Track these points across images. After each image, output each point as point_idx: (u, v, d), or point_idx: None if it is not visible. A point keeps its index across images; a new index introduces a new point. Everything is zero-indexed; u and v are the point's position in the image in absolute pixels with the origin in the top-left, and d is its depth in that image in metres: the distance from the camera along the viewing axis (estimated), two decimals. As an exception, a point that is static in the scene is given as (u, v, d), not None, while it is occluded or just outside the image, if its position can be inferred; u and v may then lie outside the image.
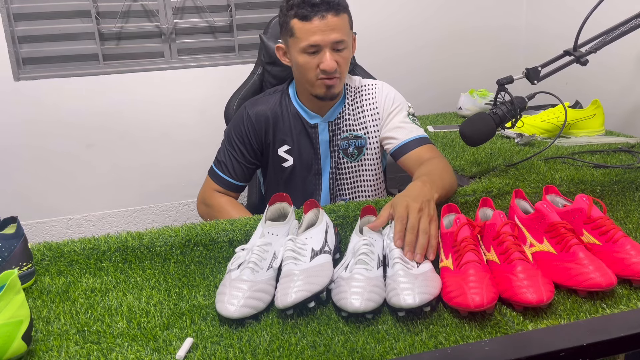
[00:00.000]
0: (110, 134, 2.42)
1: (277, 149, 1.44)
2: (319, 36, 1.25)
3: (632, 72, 2.02)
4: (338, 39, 1.26)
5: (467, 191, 1.26)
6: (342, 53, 1.29)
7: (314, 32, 1.25)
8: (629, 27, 1.31)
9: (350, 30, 1.33)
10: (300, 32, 1.27)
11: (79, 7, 2.31)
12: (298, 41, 1.28)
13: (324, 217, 1.02)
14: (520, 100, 1.32)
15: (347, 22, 1.30)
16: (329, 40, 1.26)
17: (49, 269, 1.03)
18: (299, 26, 1.27)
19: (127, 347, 0.79)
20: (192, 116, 2.50)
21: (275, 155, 1.44)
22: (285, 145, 1.43)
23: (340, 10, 1.27)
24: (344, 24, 1.28)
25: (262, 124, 1.42)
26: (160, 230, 1.11)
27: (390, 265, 0.89)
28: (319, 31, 1.25)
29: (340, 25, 1.26)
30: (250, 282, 0.87)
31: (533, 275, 0.84)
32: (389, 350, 0.76)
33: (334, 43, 1.26)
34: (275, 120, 1.42)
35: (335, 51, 1.28)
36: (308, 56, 1.28)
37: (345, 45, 1.29)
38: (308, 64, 1.29)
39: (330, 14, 1.25)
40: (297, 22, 1.27)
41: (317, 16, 1.24)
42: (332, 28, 1.25)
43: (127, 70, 2.39)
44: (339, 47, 1.28)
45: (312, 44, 1.26)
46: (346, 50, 1.30)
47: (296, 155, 1.43)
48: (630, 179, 1.32)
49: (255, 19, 2.48)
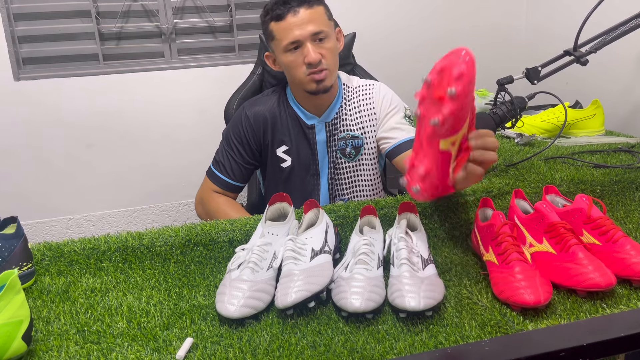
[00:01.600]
0: (110, 134, 2.42)
1: (276, 150, 1.44)
2: (296, 31, 1.27)
3: (632, 72, 2.01)
4: (315, 30, 1.27)
5: (467, 191, 1.26)
6: (324, 44, 1.30)
7: (290, 29, 1.27)
8: (629, 27, 1.31)
9: (330, 22, 1.33)
10: (278, 33, 1.29)
11: (79, 7, 2.31)
12: (279, 42, 1.30)
13: (324, 217, 1.02)
14: (520, 100, 1.32)
15: (324, 13, 1.31)
16: (307, 33, 1.27)
17: (49, 269, 1.03)
18: (276, 27, 1.29)
19: (127, 347, 0.79)
20: (192, 116, 2.50)
21: (273, 156, 1.44)
22: (283, 145, 1.44)
23: (312, 3, 1.28)
24: (319, 15, 1.29)
25: (261, 124, 1.42)
26: (160, 230, 1.11)
27: (396, 265, 0.89)
28: (295, 26, 1.27)
29: (315, 17, 1.28)
30: (250, 282, 0.87)
31: (531, 276, 0.84)
32: (389, 350, 0.76)
33: (313, 35, 1.28)
34: (273, 120, 1.42)
35: (316, 43, 1.29)
36: (291, 54, 1.30)
37: (326, 35, 1.30)
38: (293, 62, 1.30)
39: (302, 7, 1.27)
40: (274, 24, 1.30)
41: (289, 13, 1.27)
42: (308, 21, 1.27)
43: (127, 70, 2.39)
44: (319, 37, 1.29)
45: (291, 40, 1.28)
46: (328, 40, 1.31)
47: (294, 156, 1.44)
48: (630, 179, 1.32)
49: (255, 19, 2.48)
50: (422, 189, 0.91)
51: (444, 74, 0.87)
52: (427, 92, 0.90)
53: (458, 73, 0.84)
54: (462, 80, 0.84)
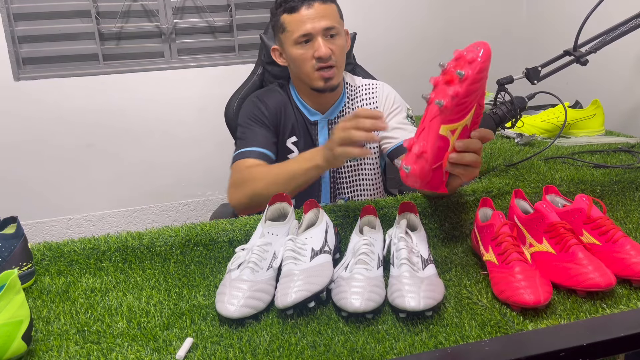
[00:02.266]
0: (110, 134, 2.43)
1: (286, 140, 1.43)
2: (309, 24, 1.27)
3: (632, 72, 2.02)
4: (328, 25, 1.27)
5: (467, 191, 1.26)
6: (335, 40, 1.30)
7: (303, 22, 1.27)
8: (629, 27, 1.31)
9: (341, 20, 1.33)
10: (290, 25, 1.29)
11: (79, 7, 2.31)
12: (290, 34, 1.29)
13: (324, 217, 1.02)
14: (520, 100, 1.32)
15: (336, 11, 1.32)
16: (320, 27, 1.27)
17: (49, 269, 1.03)
18: (289, 19, 1.29)
19: (127, 347, 0.79)
20: (192, 116, 2.50)
21: (283, 146, 1.43)
22: (293, 136, 1.43)
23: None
24: (332, 11, 1.30)
25: (275, 110, 1.41)
26: (160, 230, 1.11)
27: (396, 265, 0.89)
28: (308, 19, 1.27)
29: (328, 12, 1.28)
30: (250, 282, 0.87)
31: (531, 276, 0.84)
32: (389, 350, 0.76)
33: (325, 30, 1.28)
34: (285, 109, 1.42)
35: (327, 38, 1.29)
36: (301, 47, 1.30)
37: (337, 32, 1.30)
38: (303, 55, 1.30)
39: (317, 2, 1.27)
40: (287, 16, 1.29)
41: (304, 5, 1.27)
42: (321, 15, 1.27)
43: (127, 70, 2.40)
44: (331, 33, 1.29)
45: (303, 33, 1.27)
46: (339, 37, 1.31)
47: (301, 149, 1.43)
48: (630, 179, 1.32)
49: (255, 19, 2.48)
50: (412, 169, 0.92)
51: (459, 60, 0.91)
52: (441, 77, 0.93)
53: (471, 58, 0.88)
54: (472, 66, 0.88)
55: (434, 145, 0.92)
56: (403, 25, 2.61)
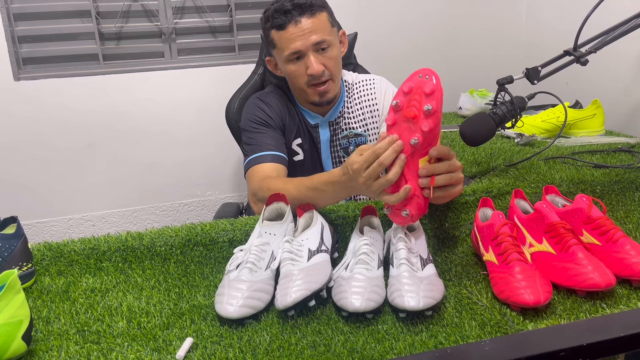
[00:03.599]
0: (110, 134, 2.42)
1: (292, 142, 1.42)
2: (298, 42, 1.24)
3: (632, 72, 2.01)
4: (317, 40, 1.24)
5: (467, 191, 1.26)
6: (327, 53, 1.27)
7: (292, 40, 1.24)
8: (629, 27, 1.31)
9: (333, 28, 1.30)
10: (280, 42, 1.26)
11: (79, 7, 2.31)
12: (281, 51, 1.27)
13: (319, 218, 1.02)
14: (520, 100, 1.32)
15: (326, 20, 1.27)
16: (309, 43, 1.24)
17: (49, 269, 1.03)
18: (277, 36, 1.26)
19: (127, 347, 0.79)
20: (192, 116, 2.49)
21: (289, 148, 1.41)
22: (298, 138, 1.42)
23: (314, 10, 1.24)
24: (322, 23, 1.26)
25: (279, 111, 1.39)
26: (160, 230, 1.11)
27: (395, 265, 0.89)
28: (297, 37, 1.23)
29: (317, 26, 1.24)
30: (249, 282, 0.87)
31: (531, 276, 0.84)
32: (389, 350, 0.76)
33: (315, 45, 1.25)
34: (289, 111, 1.41)
35: (319, 52, 1.26)
36: (293, 64, 1.28)
37: (329, 44, 1.27)
38: (296, 71, 1.28)
39: (304, 17, 1.23)
40: (275, 33, 1.26)
41: (291, 23, 1.23)
42: (310, 31, 1.23)
43: (127, 70, 2.39)
44: (322, 46, 1.26)
45: (293, 51, 1.25)
46: (331, 49, 1.28)
47: (305, 151, 1.43)
48: (630, 179, 1.32)
49: (255, 19, 2.48)
50: (411, 212, 0.92)
51: (412, 94, 0.89)
52: (398, 115, 0.91)
53: (430, 90, 0.87)
54: (434, 96, 0.87)
55: (418, 182, 0.92)
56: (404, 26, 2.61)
